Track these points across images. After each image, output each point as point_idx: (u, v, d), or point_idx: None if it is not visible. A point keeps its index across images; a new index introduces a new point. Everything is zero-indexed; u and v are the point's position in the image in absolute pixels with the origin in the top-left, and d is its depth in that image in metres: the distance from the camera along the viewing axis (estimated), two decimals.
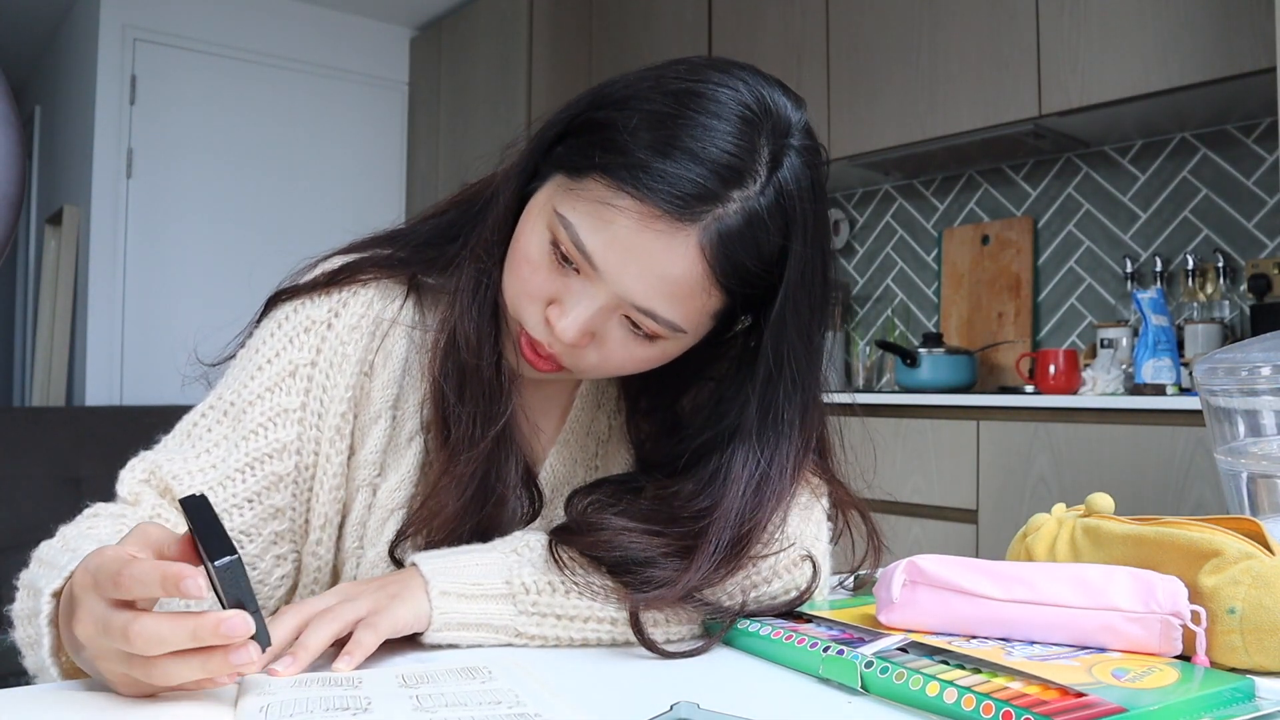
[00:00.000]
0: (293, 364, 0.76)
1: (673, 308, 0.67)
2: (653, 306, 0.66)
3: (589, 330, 0.69)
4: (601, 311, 0.68)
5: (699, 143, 0.63)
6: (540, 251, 0.68)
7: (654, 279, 0.65)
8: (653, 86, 0.67)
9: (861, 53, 2.87)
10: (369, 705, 0.49)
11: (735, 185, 0.64)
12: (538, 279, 0.69)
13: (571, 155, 0.68)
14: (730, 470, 0.71)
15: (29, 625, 0.60)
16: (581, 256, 0.66)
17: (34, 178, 4.48)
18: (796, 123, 0.69)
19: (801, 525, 0.76)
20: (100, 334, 3.73)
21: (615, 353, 0.71)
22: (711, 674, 0.61)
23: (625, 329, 0.69)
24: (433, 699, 0.50)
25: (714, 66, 0.68)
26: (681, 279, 0.65)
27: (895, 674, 0.52)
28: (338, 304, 0.77)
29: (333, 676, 0.56)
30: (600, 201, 0.64)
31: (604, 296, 0.67)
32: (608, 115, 0.67)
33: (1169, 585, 0.54)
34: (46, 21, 4.26)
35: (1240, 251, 2.44)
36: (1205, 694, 0.47)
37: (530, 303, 0.70)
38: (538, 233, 0.69)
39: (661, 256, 0.64)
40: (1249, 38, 2.07)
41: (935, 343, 2.74)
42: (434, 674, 0.56)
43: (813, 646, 0.58)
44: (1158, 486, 1.96)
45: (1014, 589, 0.57)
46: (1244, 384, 0.83)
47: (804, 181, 0.68)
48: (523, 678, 0.55)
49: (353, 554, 0.78)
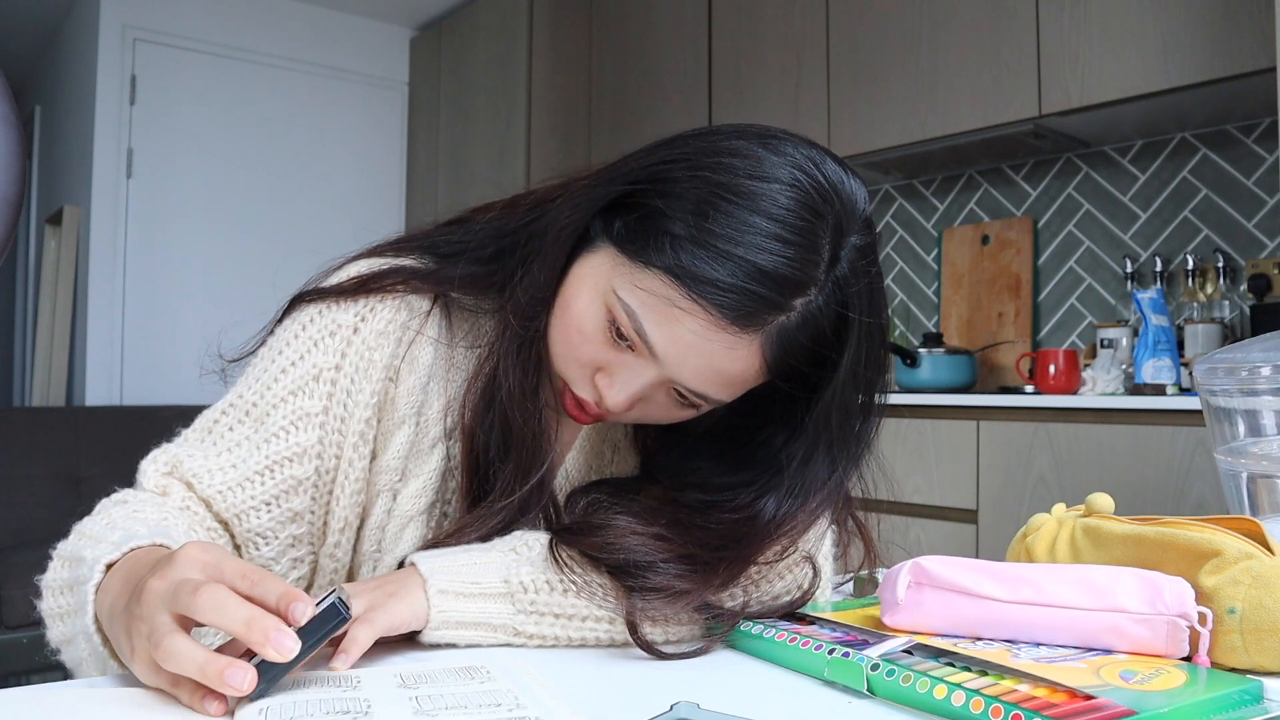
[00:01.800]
0: (317, 368, 0.75)
1: (723, 392, 0.70)
2: (706, 391, 0.69)
3: (635, 400, 0.71)
4: (650, 386, 0.70)
5: (764, 255, 0.64)
6: (595, 326, 0.69)
7: (712, 374, 0.68)
8: (711, 173, 0.66)
9: (861, 53, 2.87)
10: (369, 708, 0.49)
11: (799, 295, 0.66)
12: (589, 349, 0.70)
13: (631, 237, 0.68)
14: (758, 515, 0.72)
15: (67, 594, 0.61)
16: (643, 344, 0.68)
17: (34, 178, 4.48)
18: (859, 215, 0.69)
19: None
20: (100, 334, 3.73)
21: (655, 412, 0.74)
22: (712, 674, 0.61)
23: (670, 397, 0.72)
24: (432, 700, 0.50)
25: (769, 147, 0.67)
26: (739, 375, 0.69)
27: (902, 676, 0.52)
28: (365, 309, 0.76)
29: (331, 676, 0.56)
30: (666, 300, 0.65)
31: (656, 375, 0.69)
32: (668, 205, 0.66)
33: (1176, 586, 0.54)
34: (46, 21, 4.26)
35: (1240, 251, 2.45)
36: (1214, 696, 0.47)
37: (580, 369, 0.72)
38: (595, 307, 0.69)
39: (723, 357, 0.67)
40: (1249, 38, 2.07)
41: (935, 343, 2.74)
42: (433, 674, 0.56)
43: (817, 649, 0.58)
44: (1158, 486, 1.97)
45: (1019, 590, 0.57)
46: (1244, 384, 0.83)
47: (860, 266, 0.69)
48: (522, 678, 0.55)
49: (370, 557, 0.78)
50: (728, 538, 0.70)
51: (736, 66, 3.25)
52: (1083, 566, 0.59)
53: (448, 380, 0.79)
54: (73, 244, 3.83)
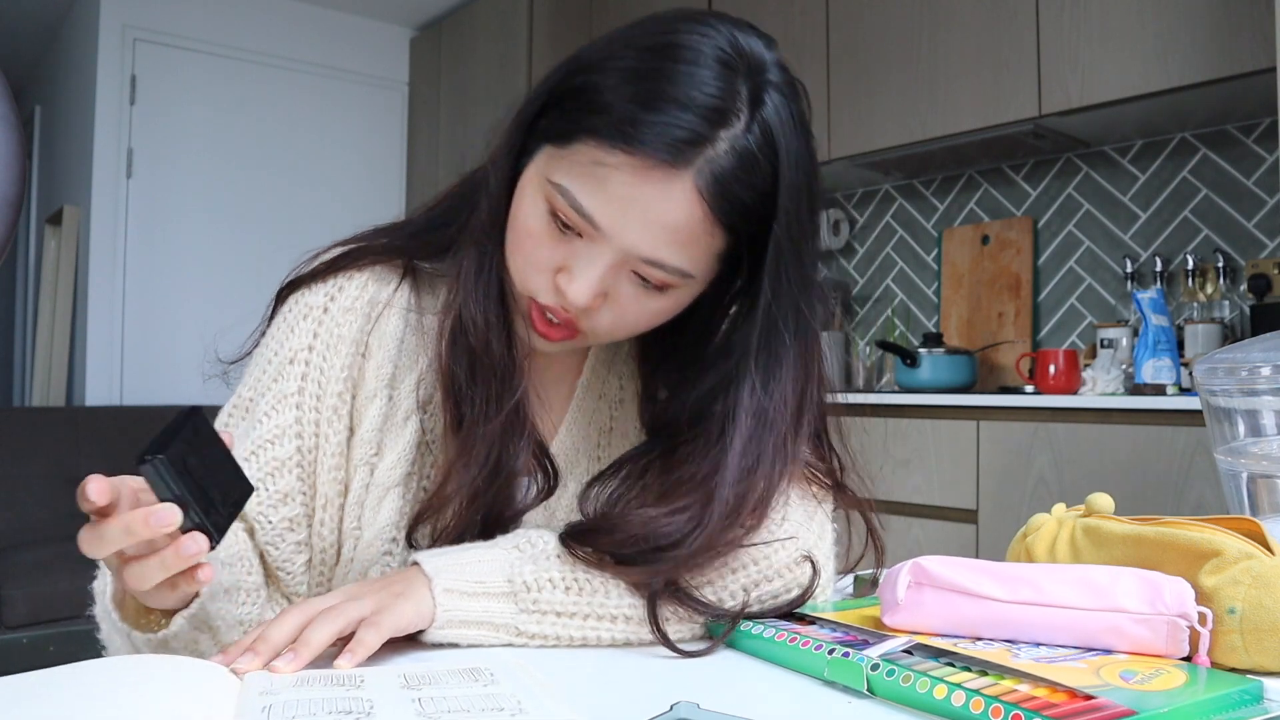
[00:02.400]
0: (292, 350, 0.77)
1: (679, 253, 0.68)
2: (660, 255, 0.68)
3: (600, 291, 0.70)
4: (610, 270, 0.69)
5: (681, 89, 0.65)
6: (540, 222, 0.70)
7: (657, 228, 0.66)
8: (626, 45, 0.68)
9: (861, 53, 2.87)
10: (371, 709, 0.49)
11: (721, 125, 0.66)
12: (542, 250, 0.70)
13: (557, 124, 0.69)
14: (736, 410, 0.71)
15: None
16: (582, 219, 0.67)
17: (34, 178, 4.48)
18: (771, 60, 0.71)
19: (805, 524, 0.76)
20: (100, 334, 3.73)
21: (628, 309, 0.72)
22: (712, 674, 0.61)
23: (635, 284, 0.70)
24: (435, 703, 0.50)
25: (684, 17, 0.70)
26: (684, 224, 0.67)
27: (902, 676, 0.52)
28: (333, 288, 0.79)
29: (335, 675, 0.56)
30: (593, 163, 0.66)
31: (610, 254, 0.68)
32: (586, 79, 0.68)
33: (1176, 586, 0.54)
34: (46, 21, 4.26)
35: (1240, 251, 2.45)
36: (1214, 696, 0.47)
37: (538, 273, 0.71)
38: (535, 204, 0.70)
39: (660, 205, 0.66)
40: (1249, 38, 2.07)
41: (935, 343, 2.74)
42: (436, 674, 0.56)
43: (817, 649, 0.58)
44: (1158, 486, 1.97)
45: (1019, 590, 0.57)
46: (1244, 384, 0.83)
47: (785, 114, 0.69)
48: (524, 680, 0.55)
49: (350, 534, 0.79)
50: (722, 452, 0.70)
51: None
52: (1083, 566, 0.59)
53: (419, 352, 0.80)
54: (73, 244, 3.83)
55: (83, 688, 0.52)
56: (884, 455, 2.44)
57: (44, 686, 0.51)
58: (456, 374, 0.75)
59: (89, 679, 0.52)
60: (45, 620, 2.51)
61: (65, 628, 1.01)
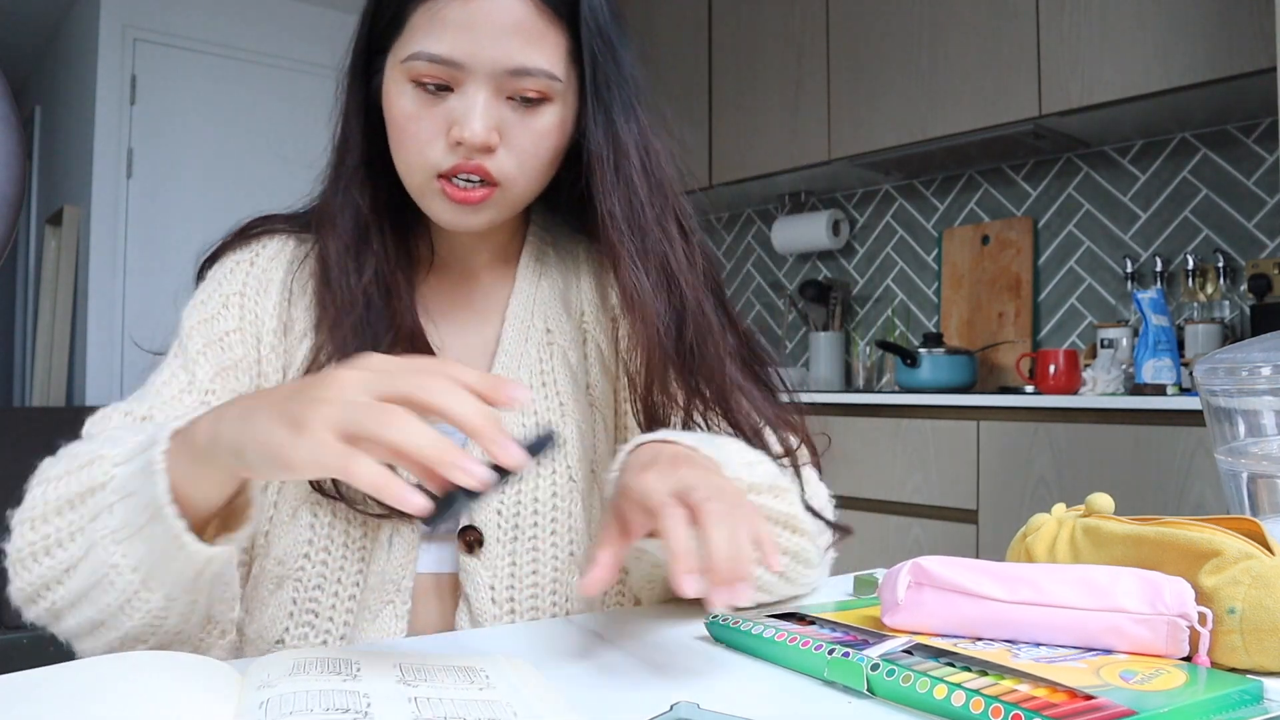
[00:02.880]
0: (224, 295, 0.82)
1: (534, 53, 0.73)
2: (519, 60, 0.73)
3: (491, 125, 0.74)
4: (489, 100, 0.73)
5: None
6: (412, 99, 0.75)
7: (503, 37, 0.72)
8: None
9: (861, 53, 2.87)
10: (369, 708, 0.49)
11: None
12: (424, 121, 0.74)
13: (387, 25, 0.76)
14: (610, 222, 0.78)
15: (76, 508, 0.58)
16: (440, 65, 0.72)
17: (34, 178, 4.48)
18: None
19: (822, 501, 0.81)
20: (100, 334, 3.73)
21: (523, 139, 0.76)
22: (712, 674, 0.61)
23: (517, 109, 0.75)
24: (431, 706, 0.50)
25: None
26: (523, 21, 0.73)
27: (902, 676, 0.52)
28: (258, 245, 0.86)
29: (331, 662, 0.55)
30: (429, 14, 0.72)
31: (481, 82, 0.73)
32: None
33: (1176, 587, 0.54)
34: (46, 21, 4.26)
35: (1240, 251, 2.45)
36: (1214, 696, 0.47)
37: (430, 145, 0.75)
38: (401, 89, 0.75)
39: (496, 15, 0.72)
40: (1249, 38, 2.07)
41: (935, 343, 2.74)
42: (432, 670, 0.56)
43: (817, 649, 0.58)
44: (1158, 486, 1.97)
45: (1019, 590, 0.57)
46: (1244, 384, 0.83)
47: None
48: (520, 687, 0.54)
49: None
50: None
51: (736, 66, 3.25)
52: (1083, 566, 0.59)
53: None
54: (73, 244, 3.83)
55: (84, 685, 0.52)
56: (884, 455, 2.45)
57: (44, 684, 0.51)
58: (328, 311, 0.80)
59: (90, 677, 0.52)
60: None
61: None
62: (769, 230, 3.50)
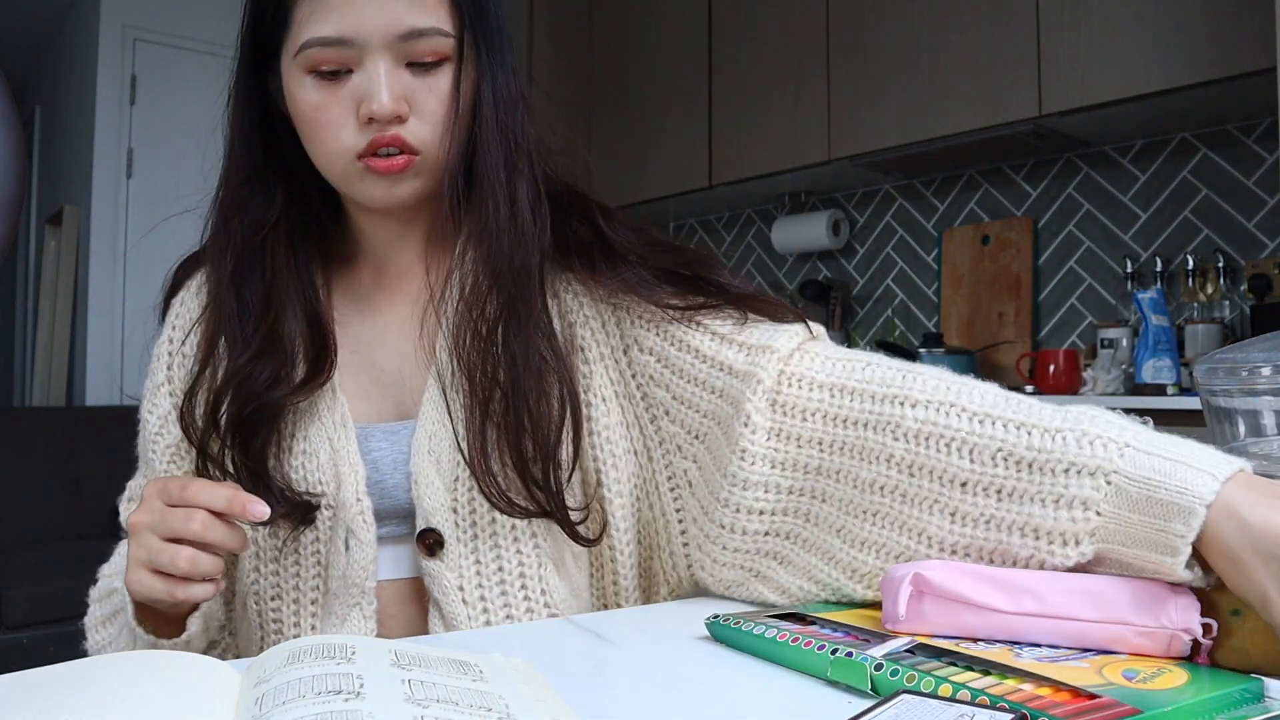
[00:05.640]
0: (155, 385, 0.90)
1: (421, 14, 0.74)
2: (409, 23, 0.74)
3: (398, 94, 0.75)
4: (389, 71, 0.74)
5: None
6: (315, 90, 0.76)
7: (386, 2, 0.73)
8: None
9: (861, 53, 2.87)
10: (362, 686, 0.48)
11: None
12: (332, 107, 0.75)
13: (272, 28, 0.78)
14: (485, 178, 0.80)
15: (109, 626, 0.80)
16: (334, 47, 0.73)
17: (34, 178, 4.48)
18: None
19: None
20: (100, 334, 3.73)
21: (428, 102, 0.76)
22: (712, 674, 0.61)
23: (418, 75, 0.76)
24: (424, 689, 0.50)
25: None
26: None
27: (905, 676, 0.52)
28: (184, 292, 0.94)
29: (327, 648, 0.55)
30: (311, 7, 0.74)
31: (378, 56, 0.74)
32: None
33: (1181, 601, 0.54)
34: (46, 21, 4.26)
35: (1240, 251, 2.45)
36: (1216, 695, 0.47)
37: (343, 127, 0.75)
38: (301, 83, 0.76)
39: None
40: (1249, 38, 2.07)
41: (935, 343, 2.74)
42: (426, 658, 0.55)
43: (820, 649, 0.58)
44: None
45: (1022, 601, 0.57)
46: (1244, 384, 0.83)
47: None
48: (515, 683, 0.54)
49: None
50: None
51: (736, 66, 3.25)
52: (1086, 576, 0.59)
53: None
54: (73, 244, 3.83)
55: (83, 685, 0.52)
56: None
57: (44, 684, 0.51)
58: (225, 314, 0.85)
59: (90, 676, 0.52)
60: (45, 620, 2.51)
61: (65, 628, 1.03)
62: (769, 230, 3.50)
